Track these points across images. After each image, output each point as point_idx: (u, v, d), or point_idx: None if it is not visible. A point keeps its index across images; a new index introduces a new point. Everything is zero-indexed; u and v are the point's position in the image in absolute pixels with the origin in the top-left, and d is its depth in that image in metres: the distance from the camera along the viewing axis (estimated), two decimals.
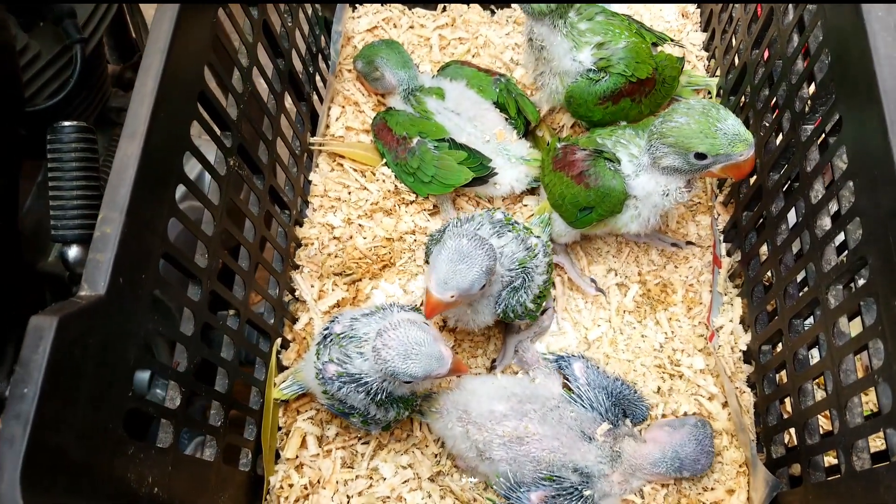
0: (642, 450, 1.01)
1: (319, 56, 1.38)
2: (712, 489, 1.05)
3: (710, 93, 1.33)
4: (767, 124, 1.09)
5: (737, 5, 1.25)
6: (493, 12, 1.47)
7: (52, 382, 0.58)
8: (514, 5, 1.45)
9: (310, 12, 1.33)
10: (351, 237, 1.24)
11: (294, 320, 1.19)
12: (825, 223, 0.91)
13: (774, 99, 1.07)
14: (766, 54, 1.12)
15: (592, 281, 1.20)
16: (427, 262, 1.17)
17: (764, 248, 1.09)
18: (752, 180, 1.15)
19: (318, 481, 1.07)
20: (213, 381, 0.96)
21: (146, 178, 0.71)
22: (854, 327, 0.85)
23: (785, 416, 1.00)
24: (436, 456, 1.08)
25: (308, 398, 1.12)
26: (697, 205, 1.28)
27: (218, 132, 0.94)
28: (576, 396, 1.03)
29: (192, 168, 0.95)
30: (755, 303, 1.11)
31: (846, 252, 0.83)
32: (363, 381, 0.92)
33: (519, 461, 0.97)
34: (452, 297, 0.89)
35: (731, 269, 1.19)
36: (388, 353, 0.86)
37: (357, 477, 1.07)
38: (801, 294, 0.96)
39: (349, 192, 1.28)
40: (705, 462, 1.00)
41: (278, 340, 1.12)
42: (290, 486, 1.06)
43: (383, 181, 1.28)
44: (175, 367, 0.84)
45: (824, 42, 0.89)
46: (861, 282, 0.81)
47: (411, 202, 1.26)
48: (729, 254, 1.21)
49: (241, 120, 0.99)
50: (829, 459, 0.93)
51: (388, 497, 1.05)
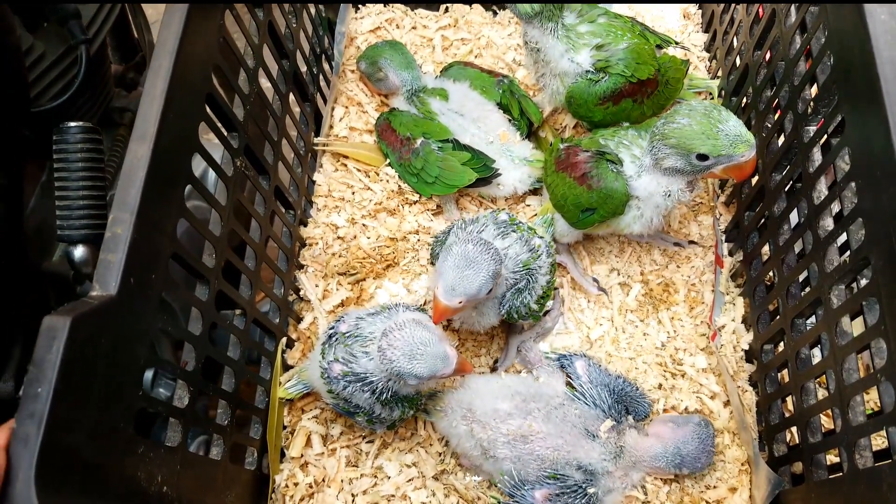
0: (644, 443, 1.01)
1: (323, 57, 1.39)
2: (715, 487, 1.05)
3: (711, 94, 1.34)
4: (769, 125, 1.10)
5: (738, 7, 1.25)
6: (495, 13, 1.48)
7: (65, 382, 0.59)
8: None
9: (313, 13, 1.33)
10: (355, 237, 1.24)
11: (299, 320, 1.19)
12: (828, 224, 0.91)
13: (776, 100, 1.07)
14: (767, 56, 1.13)
15: (595, 280, 1.21)
16: (432, 263, 1.18)
17: (766, 248, 1.10)
18: (754, 181, 1.15)
19: (323, 480, 1.07)
20: (216, 379, 0.96)
21: (156, 179, 0.72)
22: (856, 327, 0.86)
23: (787, 415, 1.01)
24: (440, 455, 1.09)
25: (313, 397, 1.12)
26: (699, 205, 1.28)
27: (225, 133, 0.94)
28: (578, 394, 1.03)
29: (196, 167, 0.95)
30: (757, 302, 1.12)
31: (848, 252, 0.84)
32: (368, 380, 0.92)
33: (523, 460, 0.98)
34: (460, 302, 0.90)
35: (733, 268, 1.20)
36: (393, 354, 0.86)
37: (362, 475, 1.07)
38: (803, 294, 0.97)
39: (353, 193, 1.29)
40: (705, 461, 1.01)
41: (283, 340, 1.13)
42: (296, 484, 1.07)
43: (387, 181, 1.28)
44: (183, 367, 0.85)
45: (827, 44, 0.90)
46: (863, 282, 0.82)
47: (415, 202, 1.27)
48: (731, 253, 1.22)
49: (247, 121, 0.99)
50: (831, 458, 0.94)
51: (393, 495, 1.05)
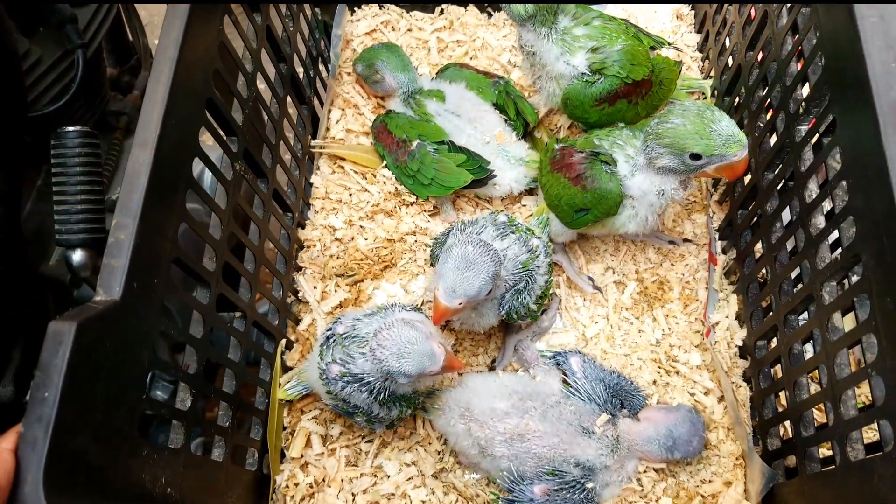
0: (636, 427, 1.03)
1: (319, 60, 1.39)
2: (710, 481, 1.07)
3: (704, 94, 1.35)
4: (762, 125, 1.11)
5: (731, 8, 1.27)
6: (490, 15, 1.49)
7: (71, 386, 0.59)
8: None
9: (310, 16, 1.34)
10: (352, 238, 1.25)
11: (297, 321, 1.20)
12: (819, 221, 0.93)
13: (769, 100, 1.09)
14: (760, 56, 1.14)
15: (590, 279, 1.22)
16: (432, 265, 1.19)
17: (759, 246, 1.11)
18: (747, 179, 1.16)
19: (324, 480, 1.08)
20: (214, 380, 0.97)
21: (157, 184, 0.73)
22: (847, 322, 0.87)
23: (780, 410, 1.02)
24: (439, 453, 1.10)
25: (312, 398, 1.13)
26: (693, 203, 1.30)
27: (224, 137, 0.95)
28: (574, 390, 1.04)
29: (192, 169, 0.96)
30: (750, 299, 1.14)
31: (840, 249, 0.85)
32: (366, 380, 0.93)
33: (520, 458, 0.99)
34: (460, 303, 0.91)
35: (726, 266, 1.22)
36: (382, 353, 0.87)
37: (361, 475, 1.08)
38: (795, 291, 0.98)
39: (350, 194, 1.29)
40: (697, 444, 1.02)
41: (283, 341, 1.13)
42: (296, 484, 1.08)
43: (384, 183, 1.29)
44: (185, 370, 0.85)
45: (818, 45, 0.91)
46: (855, 278, 0.83)
47: (412, 203, 1.28)
48: (724, 251, 1.23)
49: (246, 125, 1.00)
50: (824, 451, 0.95)
51: (393, 494, 1.06)
